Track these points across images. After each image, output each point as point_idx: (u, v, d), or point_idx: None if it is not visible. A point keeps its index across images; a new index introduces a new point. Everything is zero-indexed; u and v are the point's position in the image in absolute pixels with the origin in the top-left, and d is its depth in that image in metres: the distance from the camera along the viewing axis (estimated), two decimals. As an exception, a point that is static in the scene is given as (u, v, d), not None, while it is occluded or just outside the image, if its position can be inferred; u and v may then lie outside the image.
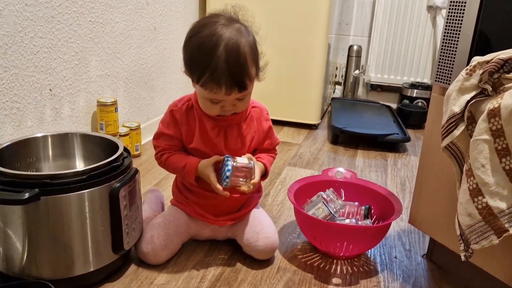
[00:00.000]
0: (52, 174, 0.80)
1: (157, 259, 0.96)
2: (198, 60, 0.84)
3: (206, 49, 0.81)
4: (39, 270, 0.83)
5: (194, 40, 0.84)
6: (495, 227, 0.70)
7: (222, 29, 0.83)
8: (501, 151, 0.69)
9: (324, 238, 1.00)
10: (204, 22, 0.86)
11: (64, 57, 1.28)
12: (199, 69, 0.83)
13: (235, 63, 0.82)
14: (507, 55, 0.71)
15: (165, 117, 0.98)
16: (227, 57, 0.81)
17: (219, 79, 0.82)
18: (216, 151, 0.95)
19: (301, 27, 2.00)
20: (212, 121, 0.95)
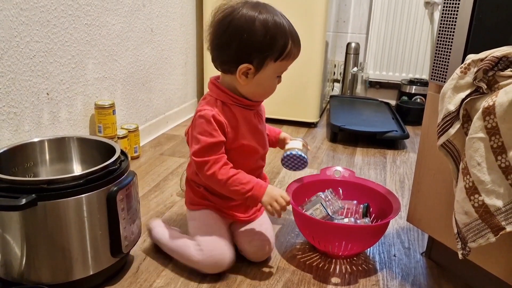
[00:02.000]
0: (49, 179, 0.80)
1: (227, 262, 0.93)
2: (276, 35, 0.87)
3: (276, 24, 0.87)
4: (38, 275, 0.83)
5: (259, 25, 0.86)
6: (491, 225, 0.70)
7: (260, 5, 0.89)
8: (497, 149, 0.69)
9: (322, 238, 1.00)
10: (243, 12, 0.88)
11: (61, 60, 1.28)
12: (281, 42, 0.88)
13: (291, 23, 0.92)
14: (501, 52, 0.71)
15: (205, 127, 0.90)
16: (288, 22, 0.91)
17: (298, 41, 0.91)
18: (261, 139, 0.99)
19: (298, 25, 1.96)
20: (250, 109, 0.96)
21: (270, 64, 0.89)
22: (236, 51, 0.88)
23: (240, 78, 0.90)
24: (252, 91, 0.93)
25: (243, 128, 0.94)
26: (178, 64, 2.02)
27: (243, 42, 0.87)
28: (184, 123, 2.09)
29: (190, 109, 2.21)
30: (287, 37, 0.88)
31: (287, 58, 0.90)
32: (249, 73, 0.89)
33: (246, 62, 0.88)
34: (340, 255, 1.03)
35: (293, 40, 0.90)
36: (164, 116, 1.94)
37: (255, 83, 0.91)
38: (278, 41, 0.87)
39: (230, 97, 0.93)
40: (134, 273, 0.95)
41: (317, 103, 2.09)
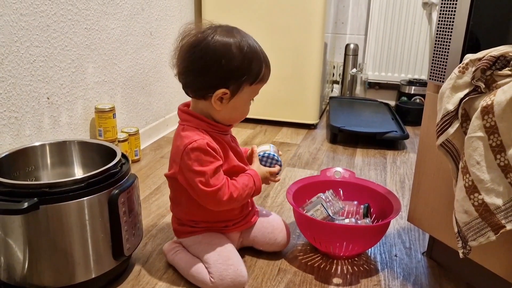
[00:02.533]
0: (51, 182, 0.81)
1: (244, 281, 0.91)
2: (252, 59, 0.88)
3: (251, 49, 0.88)
4: (40, 278, 0.83)
5: (236, 51, 0.86)
6: (492, 224, 0.70)
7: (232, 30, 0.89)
8: (496, 148, 0.69)
9: (324, 239, 1.01)
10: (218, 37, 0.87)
11: (61, 65, 1.29)
12: (257, 65, 0.89)
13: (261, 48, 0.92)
14: (499, 52, 0.72)
15: (204, 157, 0.87)
16: (259, 46, 0.91)
17: (269, 65, 0.93)
18: (243, 160, 1.00)
19: (297, 27, 2.00)
20: (226, 135, 0.96)
21: (246, 88, 0.89)
22: (213, 77, 0.86)
23: (215, 103, 0.88)
24: (227, 116, 0.92)
25: (226, 152, 0.94)
26: (177, 67, 2.02)
27: (221, 68, 0.86)
28: (184, 126, 2.09)
29: (190, 112, 2.21)
30: (261, 61, 0.90)
31: (261, 81, 0.91)
32: (225, 98, 0.88)
33: (223, 87, 0.87)
34: (342, 255, 1.03)
35: (266, 64, 0.91)
36: (164, 119, 1.94)
37: (230, 108, 0.90)
38: (254, 65, 0.88)
39: (208, 124, 0.91)
40: (136, 276, 0.95)
41: (316, 105, 2.10)
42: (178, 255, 0.98)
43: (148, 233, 1.13)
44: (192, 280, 0.93)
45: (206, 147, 0.87)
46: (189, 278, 0.94)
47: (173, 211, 1.01)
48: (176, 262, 0.98)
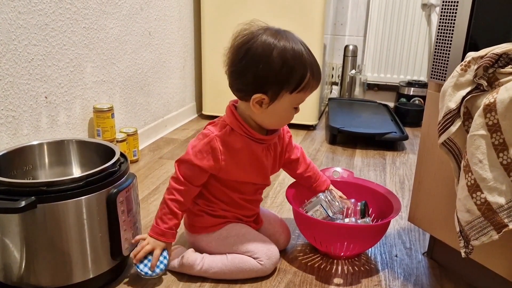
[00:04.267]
0: (49, 181, 0.80)
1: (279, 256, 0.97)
2: (294, 67, 0.84)
3: (295, 55, 0.84)
4: (37, 278, 0.82)
5: (276, 56, 0.83)
6: (494, 223, 0.70)
7: (281, 34, 0.86)
8: (498, 146, 0.69)
9: (324, 239, 1.00)
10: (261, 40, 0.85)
11: (59, 64, 1.28)
12: (299, 73, 0.85)
13: (313, 55, 0.88)
14: (502, 49, 0.71)
15: (200, 145, 0.90)
16: (309, 52, 0.87)
17: (318, 73, 0.88)
18: (263, 172, 0.97)
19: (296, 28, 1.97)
20: (260, 143, 0.93)
21: (285, 96, 0.86)
22: (251, 80, 0.85)
23: (254, 107, 0.87)
24: (266, 120, 0.91)
25: (244, 159, 0.92)
26: (176, 68, 2.02)
27: (258, 72, 0.84)
28: (183, 127, 2.08)
29: (188, 112, 2.21)
30: (306, 69, 0.85)
31: (304, 90, 0.87)
32: (264, 103, 0.87)
33: (261, 92, 0.85)
34: (342, 255, 1.02)
35: (312, 72, 0.86)
36: (162, 119, 1.93)
37: (269, 113, 0.88)
38: (296, 74, 0.84)
39: (242, 127, 0.90)
40: (135, 276, 0.94)
41: (315, 106, 2.09)
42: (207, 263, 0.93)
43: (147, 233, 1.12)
44: (240, 275, 0.93)
45: (207, 140, 0.89)
46: (234, 275, 0.93)
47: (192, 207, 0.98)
48: (209, 270, 0.93)
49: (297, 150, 1.08)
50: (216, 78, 2.11)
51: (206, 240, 0.97)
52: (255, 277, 0.93)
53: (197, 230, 0.98)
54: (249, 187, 0.98)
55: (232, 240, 0.95)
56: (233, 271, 0.92)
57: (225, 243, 0.95)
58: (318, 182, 1.10)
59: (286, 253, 1.06)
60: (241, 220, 0.99)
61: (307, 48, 0.87)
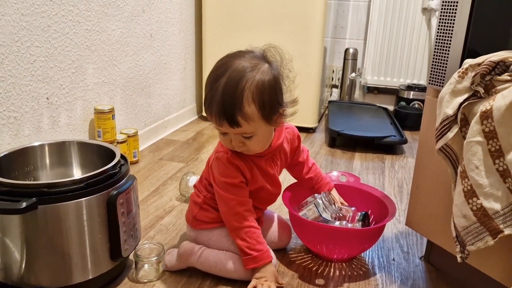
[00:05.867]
0: (50, 182, 0.81)
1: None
2: (206, 86, 0.86)
3: (213, 78, 0.84)
4: (37, 278, 0.83)
5: (212, 69, 0.86)
6: (490, 228, 0.71)
7: (238, 62, 0.83)
8: (495, 153, 0.70)
9: (312, 239, 1.01)
10: (232, 54, 0.87)
11: (61, 65, 1.29)
12: (205, 95, 0.86)
13: (229, 95, 0.81)
14: (498, 57, 0.72)
15: (223, 168, 0.91)
16: (224, 87, 0.82)
17: (211, 107, 0.84)
18: (273, 181, 0.99)
19: (297, 31, 2.01)
20: (260, 157, 0.95)
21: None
22: None
23: None
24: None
25: (256, 171, 0.95)
26: (177, 70, 2.03)
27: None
28: (183, 128, 2.09)
29: (189, 114, 2.22)
30: (208, 95, 0.86)
31: (206, 114, 0.89)
32: None
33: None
34: (335, 258, 1.03)
35: (211, 102, 0.85)
36: (163, 121, 1.94)
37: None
38: (205, 93, 0.87)
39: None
40: (134, 277, 0.95)
41: (315, 109, 2.10)
42: (206, 254, 0.95)
43: (146, 235, 1.13)
44: (234, 275, 0.93)
45: (225, 161, 0.91)
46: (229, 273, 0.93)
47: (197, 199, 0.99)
48: (205, 262, 0.94)
49: (304, 153, 1.10)
50: None
51: (207, 236, 0.98)
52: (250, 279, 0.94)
53: (200, 224, 0.99)
54: (263, 195, 0.99)
55: (232, 239, 0.95)
56: (229, 269, 0.93)
57: (224, 240, 0.96)
58: (320, 184, 1.11)
59: (284, 255, 1.06)
60: None
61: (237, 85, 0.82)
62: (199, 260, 0.95)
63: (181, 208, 1.28)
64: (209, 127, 2.14)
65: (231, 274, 0.94)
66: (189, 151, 1.77)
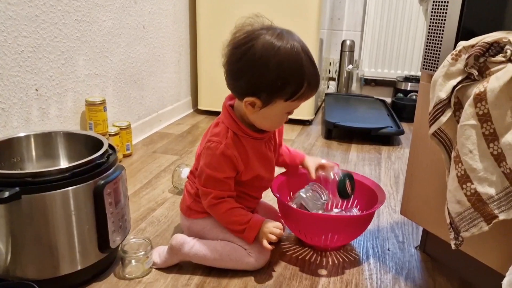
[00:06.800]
0: (34, 172, 0.79)
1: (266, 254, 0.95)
2: (290, 78, 0.82)
3: (294, 66, 0.81)
4: (24, 270, 0.81)
5: (274, 65, 0.80)
6: (484, 214, 0.69)
7: (283, 38, 0.82)
8: (489, 136, 0.68)
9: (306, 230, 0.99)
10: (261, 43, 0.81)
11: (50, 56, 1.27)
12: (295, 85, 0.82)
13: (314, 64, 0.85)
14: (492, 38, 0.70)
15: (213, 160, 0.89)
16: (310, 61, 0.84)
17: (316, 83, 0.86)
18: (269, 166, 0.98)
19: (292, 23, 1.96)
20: (259, 140, 0.93)
21: (279, 102, 0.84)
22: (245, 84, 0.84)
23: (246, 108, 0.87)
24: (258, 121, 0.90)
25: (253, 158, 0.93)
26: (171, 62, 2.00)
27: (253, 79, 0.82)
28: (178, 122, 2.07)
29: (183, 107, 2.19)
30: (303, 80, 0.82)
31: (299, 99, 0.85)
32: (256, 105, 0.85)
33: (253, 96, 0.84)
34: (325, 246, 1.02)
35: (310, 83, 0.84)
36: (157, 114, 1.92)
37: (261, 116, 0.88)
38: (291, 84, 0.82)
39: (240, 129, 0.90)
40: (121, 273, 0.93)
41: (311, 101, 2.08)
42: (198, 245, 0.92)
43: (137, 227, 1.11)
44: (230, 264, 0.92)
45: (219, 152, 0.88)
46: (224, 263, 0.92)
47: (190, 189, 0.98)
48: (199, 252, 0.92)
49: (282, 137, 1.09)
50: (212, 73, 2.10)
51: (201, 225, 0.97)
52: (245, 269, 0.92)
53: (194, 214, 0.98)
54: (256, 183, 0.97)
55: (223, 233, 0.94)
56: (224, 258, 0.91)
57: (218, 230, 0.95)
58: (291, 158, 1.09)
59: (277, 246, 1.04)
60: None
61: (308, 54, 0.84)
62: (192, 250, 0.92)
63: (174, 200, 1.26)
64: (204, 120, 2.12)
65: (227, 263, 0.92)
66: (183, 144, 1.75)
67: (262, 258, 0.93)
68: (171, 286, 0.89)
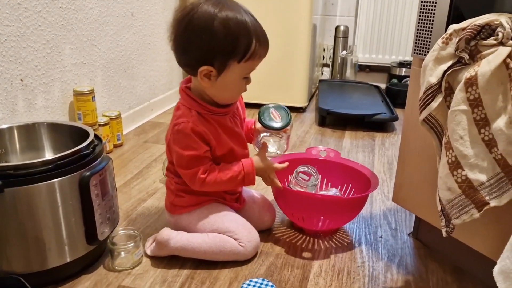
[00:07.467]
0: (16, 164, 0.77)
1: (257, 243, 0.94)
2: (238, 35, 0.81)
3: (238, 23, 0.81)
4: (10, 264, 0.80)
5: (218, 25, 0.80)
6: (475, 201, 0.68)
7: (222, 2, 0.82)
8: (480, 122, 0.66)
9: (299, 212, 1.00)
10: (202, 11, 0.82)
11: (35, 45, 1.24)
12: (244, 43, 0.82)
13: (258, 21, 0.85)
14: (484, 20, 0.68)
15: (185, 140, 0.87)
16: (254, 20, 0.84)
17: (265, 40, 0.85)
18: (240, 141, 0.96)
19: (284, 8, 1.95)
20: (224, 116, 0.92)
21: (233, 66, 0.84)
22: (196, 53, 0.83)
23: (203, 80, 0.85)
24: (218, 94, 0.89)
25: (223, 134, 0.91)
26: (161, 50, 1.97)
27: (202, 44, 0.82)
28: (170, 111, 2.05)
29: (175, 96, 2.17)
30: (251, 37, 0.82)
31: (252, 58, 0.84)
32: (212, 75, 0.85)
33: (207, 64, 0.83)
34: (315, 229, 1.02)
35: (258, 39, 0.83)
36: (148, 103, 1.90)
37: (219, 86, 0.86)
38: (241, 42, 0.82)
39: (202, 106, 0.89)
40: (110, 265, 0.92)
41: (305, 88, 2.06)
42: (185, 239, 0.91)
43: (127, 218, 1.10)
44: (220, 256, 0.90)
45: (188, 131, 0.86)
46: (214, 255, 0.90)
47: (170, 186, 0.97)
48: (184, 245, 0.90)
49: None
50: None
51: (187, 219, 0.95)
52: (236, 260, 0.91)
53: (178, 210, 0.96)
54: (231, 159, 0.95)
55: (213, 219, 0.93)
56: (214, 250, 0.90)
57: (205, 222, 0.93)
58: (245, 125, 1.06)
59: (269, 235, 1.04)
60: (223, 198, 0.98)
61: (252, 16, 0.85)
62: (178, 245, 0.91)
63: (165, 191, 1.23)
64: (197, 109, 2.09)
65: (217, 256, 0.90)
66: (175, 133, 1.73)
67: (251, 246, 0.92)
68: (161, 277, 0.88)
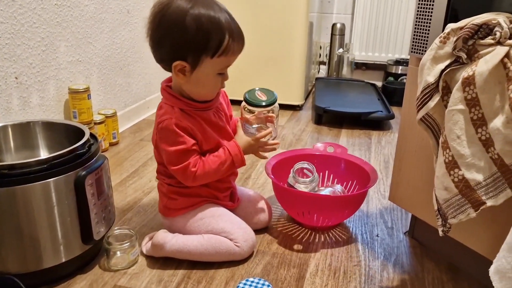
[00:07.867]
0: (11, 164, 0.76)
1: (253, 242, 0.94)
2: (210, 31, 0.81)
3: (211, 19, 0.81)
4: (5, 264, 0.80)
5: (190, 21, 0.80)
6: (472, 200, 0.68)
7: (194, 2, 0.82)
8: (477, 121, 0.66)
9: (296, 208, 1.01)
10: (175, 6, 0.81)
11: (29, 43, 1.22)
12: (216, 38, 0.82)
13: (233, 17, 0.85)
14: (482, 20, 0.68)
15: (171, 137, 0.87)
16: (228, 14, 0.84)
17: (239, 36, 0.85)
18: (226, 134, 0.96)
19: (280, 6, 1.94)
20: (207, 111, 0.92)
21: (206, 61, 0.83)
22: (169, 49, 0.83)
23: (178, 76, 0.85)
24: (194, 90, 0.88)
25: (208, 129, 0.91)
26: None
27: (174, 40, 0.82)
28: (166, 108, 2.04)
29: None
30: (224, 33, 0.82)
31: (225, 54, 0.84)
32: (186, 70, 0.85)
33: (180, 59, 0.83)
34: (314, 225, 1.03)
35: (232, 35, 0.83)
36: (144, 101, 1.89)
37: (194, 82, 0.86)
38: (213, 37, 0.81)
39: (184, 103, 0.89)
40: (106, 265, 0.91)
41: (301, 85, 2.06)
42: (180, 242, 0.90)
43: (123, 217, 1.09)
44: (217, 257, 0.90)
45: (173, 127, 0.86)
46: (211, 256, 0.90)
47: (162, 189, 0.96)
48: (180, 248, 0.90)
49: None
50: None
51: (182, 222, 0.94)
52: (232, 260, 0.91)
53: (172, 212, 0.95)
54: None
55: (208, 220, 0.92)
56: (210, 251, 0.89)
57: (200, 224, 0.93)
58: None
59: (265, 234, 1.03)
60: (216, 197, 0.97)
61: (227, 12, 0.84)
62: (175, 247, 0.90)
63: (161, 189, 1.24)
64: (193, 106, 2.08)
65: (214, 257, 0.90)
66: (171, 131, 1.72)
67: (247, 245, 0.92)
68: (157, 277, 0.87)
